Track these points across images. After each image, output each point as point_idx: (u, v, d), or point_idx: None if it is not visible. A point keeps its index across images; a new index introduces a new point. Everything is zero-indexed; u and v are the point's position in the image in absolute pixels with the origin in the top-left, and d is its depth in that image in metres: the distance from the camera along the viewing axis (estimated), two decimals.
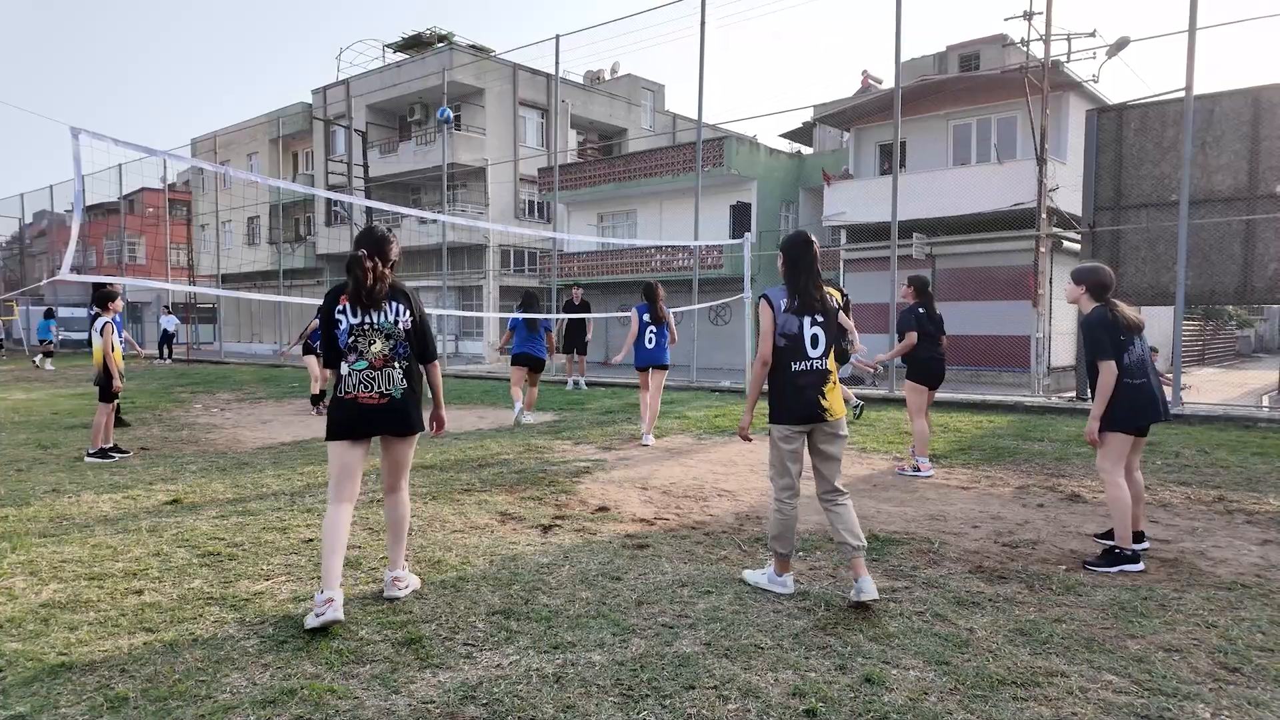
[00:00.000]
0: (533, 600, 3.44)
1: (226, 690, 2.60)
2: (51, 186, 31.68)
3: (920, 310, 6.34)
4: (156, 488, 5.74)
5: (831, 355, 3.55)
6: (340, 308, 3.27)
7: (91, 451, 6.96)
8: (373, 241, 3.31)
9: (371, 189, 26.63)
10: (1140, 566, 3.88)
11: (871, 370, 6.77)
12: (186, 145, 34.51)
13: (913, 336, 6.29)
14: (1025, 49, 16.25)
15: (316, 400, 10.25)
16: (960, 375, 17.59)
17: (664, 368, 8.06)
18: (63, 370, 19.66)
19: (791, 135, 30.22)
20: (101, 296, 6.92)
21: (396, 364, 3.28)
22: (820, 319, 3.51)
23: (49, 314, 22.96)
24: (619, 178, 23.85)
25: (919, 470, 6.22)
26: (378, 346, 3.26)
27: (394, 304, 3.31)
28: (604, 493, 5.62)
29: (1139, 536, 4.19)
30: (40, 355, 21.58)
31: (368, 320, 3.26)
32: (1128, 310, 4.05)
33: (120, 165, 28.08)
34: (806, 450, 3.56)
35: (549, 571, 3.82)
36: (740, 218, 23.34)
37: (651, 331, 7.98)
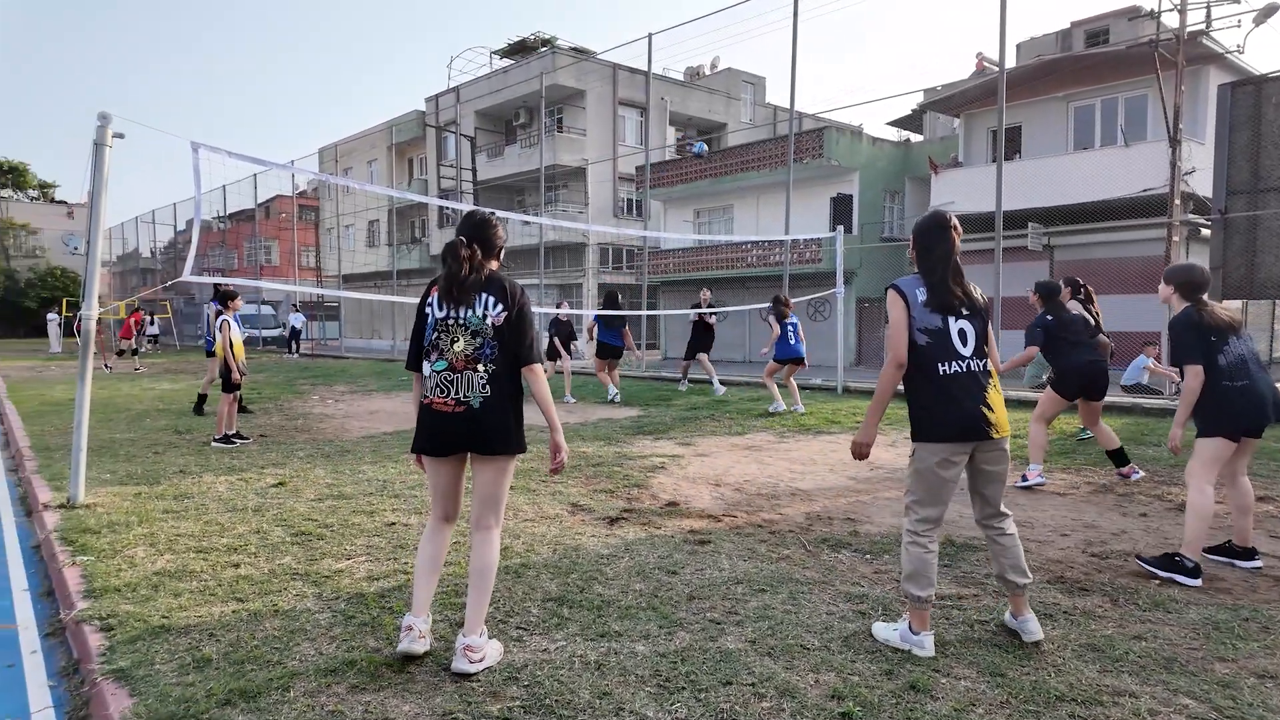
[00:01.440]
0: (588, 589, 3.52)
1: (296, 658, 2.83)
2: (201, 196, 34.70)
3: (1049, 318, 5.92)
4: (267, 472, 6.24)
5: (990, 356, 2.97)
6: (430, 299, 2.88)
7: (217, 437, 7.64)
8: (472, 226, 2.90)
9: (479, 192, 27.71)
10: (1197, 582, 3.56)
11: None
12: (314, 154, 37.03)
13: (1031, 351, 5.95)
14: (1157, 20, 14.95)
15: None
16: None
17: (802, 360, 9.85)
18: (205, 364, 21.55)
19: (900, 123, 29.10)
20: (222, 295, 7.59)
21: (480, 366, 2.77)
22: (966, 313, 2.93)
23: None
24: (715, 173, 23.73)
25: (1025, 479, 5.73)
26: (460, 345, 2.79)
27: (485, 296, 2.82)
28: (676, 488, 5.65)
29: (1250, 553, 3.83)
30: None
31: (454, 315, 2.81)
32: (1219, 310, 3.80)
33: (255, 175, 30.43)
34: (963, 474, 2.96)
35: (608, 562, 3.90)
36: (841, 210, 22.72)
37: (793, 330, 9.75)
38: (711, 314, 12.14)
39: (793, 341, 9.71)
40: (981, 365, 2.91)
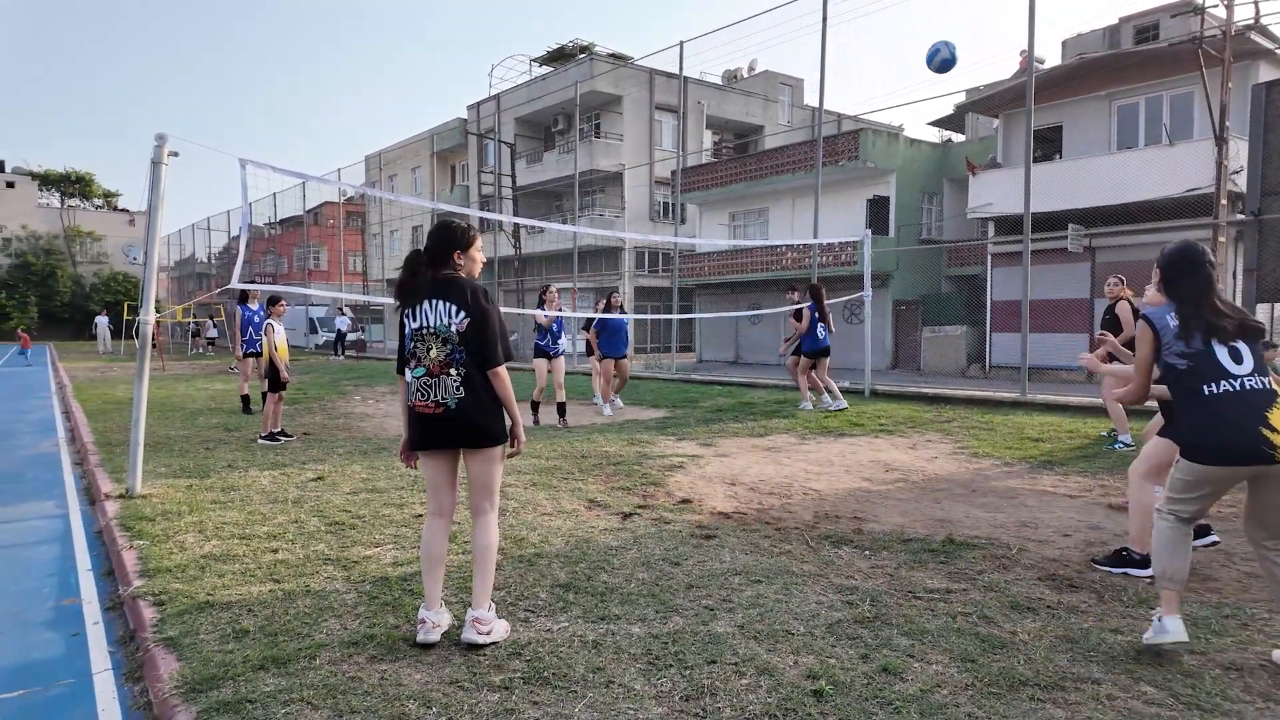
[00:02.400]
0: (594, 577, 3.76)
1: (323, 631, 3.12)
2: (250, 205, 36.04)
3: None
4: (308, 467, 6.62)
5: (1270, 373, 2.76)
6: (407, 310, 3.12)
7: (263, 435, 8.08)
8: (431, 235, 3.16)
9: (518, 197, 28.25)
10: (1149, 573, 3.51)
11: None
12: (361, 162, 38.10)
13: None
14: (1200, 17, 14.63)
15: (535, 407, 9.48)
16: None
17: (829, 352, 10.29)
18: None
19: (942, 123, 28.75)
20: (269, 300, 8.04)
21: (453, 370, 3.01)
22: (1235, 335, 2.77)
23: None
24: (749, 176, 23.82)
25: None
26: (434, 352, 3.03)
27: (446, 304, 3.04)
28: (692, 486, 5.85)
29: (1204, 530, 4.14)
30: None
31: (426, 324, 3.05)
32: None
33: (303, 183, 31.47)
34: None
35: (616, 554, 4.13)
36: (877, 212, 22.61)
37: (821, 327, 10.05)
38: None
39: (821, 335, 10.04)
40: (1263, 383, 2.68)
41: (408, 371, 3.11)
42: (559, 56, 32.15)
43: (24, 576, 4.22)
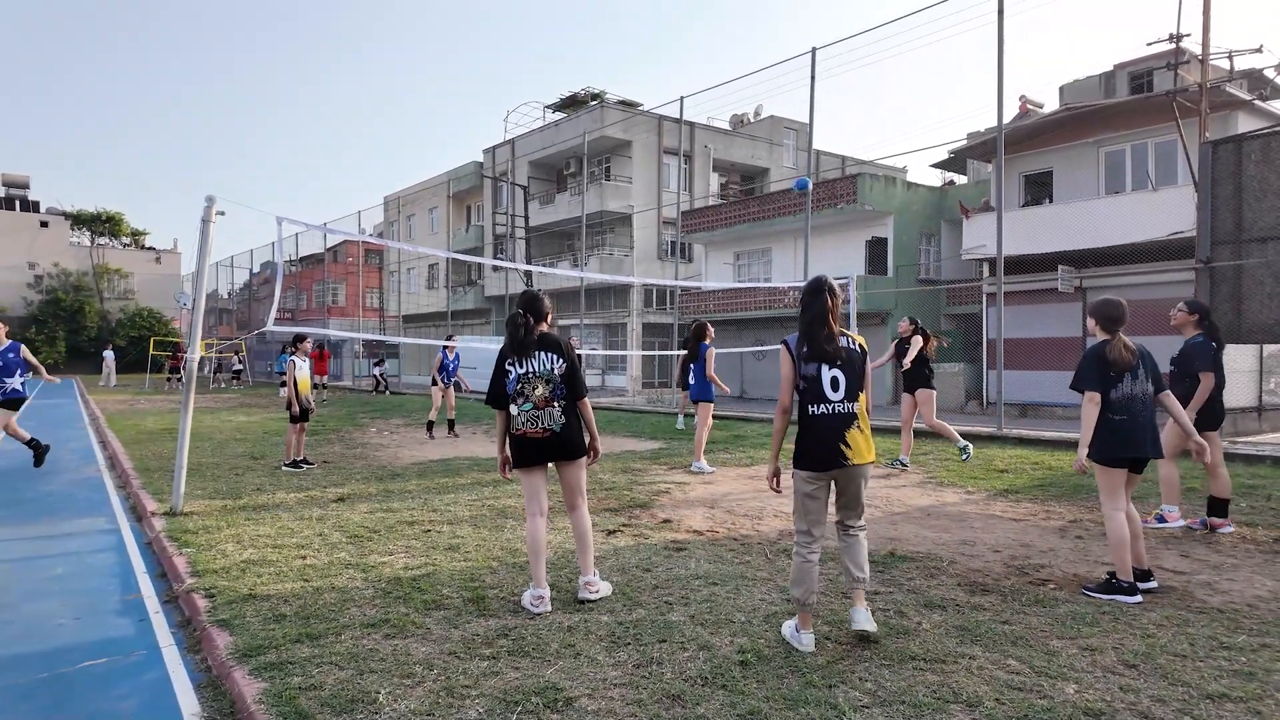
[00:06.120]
0: (574, 580, 4.39)
1: (346, 617, 3.78)
2: (273, 243, 37.35)
3: (1212, 343, 5.63)
4: (329, 490, 7.31)
5: (862, 399, 3.51)
6: (510, 360, 4.02)
7: (286, 463, 8.79)
8: (525, 301, 4.09)
9: (531, 238, 29.29)
10: (1137, 599, 3.96)
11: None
12: (380, 204, 39.51)
13: (1211, 378, 5.47)
14: (1174, 72, 15.43)
15: (430, 426, 12.34)
16: None
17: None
18: (270, 396, 23.27)
19: (944, 165, 29.61)
20: (294, 338, 8.83)
21: (556, 404, 3.95)
22: (838, 364, 3.48)
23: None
24: (752, 218, 24.69)
25: (1164, 520, 5.69)
26: (540, 391, 3.94)
27: (548, 354, 3.98)
28: (674, 509, 6.48)
29: (1145, 575, 4.22)
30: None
31: (531, 370, 3.96)
32: (1124, 349, 4.22)
33: (325, 223, 32.72)
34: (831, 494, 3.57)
35: (596, 563, 4.74)
36: (877, 252, 23.34)
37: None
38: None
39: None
40: (848, 408, 3.46)
41: (513, 407, 4.01)
42: (571, 104, 33.46)
43: (91, 577, 4.91)
